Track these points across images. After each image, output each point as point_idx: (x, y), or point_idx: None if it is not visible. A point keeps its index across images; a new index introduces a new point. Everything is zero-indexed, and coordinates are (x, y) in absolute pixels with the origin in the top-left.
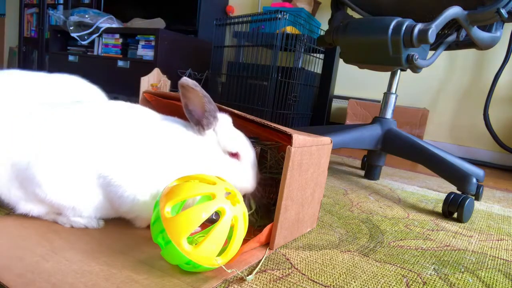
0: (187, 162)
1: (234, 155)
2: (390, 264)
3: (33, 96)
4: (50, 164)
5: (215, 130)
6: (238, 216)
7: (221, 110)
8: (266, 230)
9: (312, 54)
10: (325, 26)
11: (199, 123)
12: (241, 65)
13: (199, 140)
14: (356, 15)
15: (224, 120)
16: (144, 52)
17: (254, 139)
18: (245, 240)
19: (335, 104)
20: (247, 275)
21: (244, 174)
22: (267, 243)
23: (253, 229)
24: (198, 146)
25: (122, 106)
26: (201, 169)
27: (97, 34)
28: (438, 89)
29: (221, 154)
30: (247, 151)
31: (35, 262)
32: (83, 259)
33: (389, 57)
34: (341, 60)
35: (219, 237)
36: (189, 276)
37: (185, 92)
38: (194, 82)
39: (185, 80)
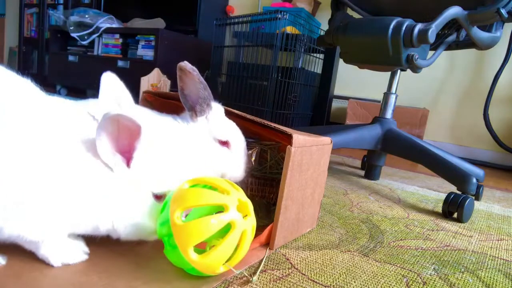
0: (178, 153)
1: (224, 143)
2: (390, 264)
3: None
4: None
5: (207, 117)
6: (247, 229)
7: None
8: (266, 231)
9: (312, 54)
10: (325, 26)
11: (192, 109)
12: (241, 65)
13: (189, 129)
14: (356, 15)
15: (216, 109)
16: (144, 52)
17: (254, 139)
18: None
19: (335, 104)
20: (249, 275)
21: (233, 163)
22: (267, 243)
23: None
24: (187, 135)
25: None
26: (191, 158)
27: (97, 34)
28: (438, 89)
29: (211, 142)
30: (237, 140)
31: (32, 279)
32: (82, 268)
33: (389, 57)
34: (341, 60)
35: (227, 249)
36: (189, 276)
37: (182, 75)
38: (192, 66)
39: (184, 63)
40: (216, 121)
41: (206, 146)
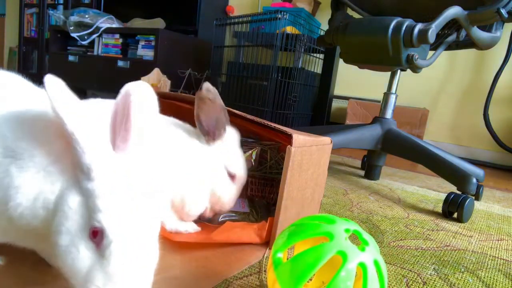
0: (185, 170)
1: (232, 176)
2: (390, 264)
3: None
4: None
5: (223, 141)
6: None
7: None
8: (268, 227)
9: (312, 54)
10: (325, 26)
11: (208, 133)
12: (241, 65)
13: (203, 151)
14: (356, 15)
15: (231, 135)
16: (144, 52)
17: (254, 139)
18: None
19: (335, 104)
20: (248, 275)
21: (232, 196)
22: (267, 242)
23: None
24: (200, 157)
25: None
26: (197, 179)
27: (97, 34)
28: (438, 89)
29: (222, 169)
30: (242, 176)
31: (32, 279)
32: None
33: (389, 57)
34: (341, 60)
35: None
36: (193, 274)
37: (201, 104)
38: (214, 92)
39: (205, 92)
40: (230, 150)
41: (216, 172)
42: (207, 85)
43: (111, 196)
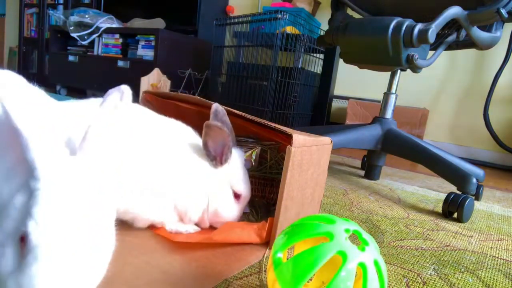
0: (195, 188)
1: (237, 195)
2: (390, 264)
3: None
4: None
5: (229, 163)
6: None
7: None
8: (268, 227)
9: (312, 54)
10: (325, 26)
11: (215, 159)
12: (241, 65)
13: (212, 173)
14: (356, 15)
15: (236, 156)
16: (144, 52)
17: (254, 139)
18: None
19: (335, 104)
20: (248, 275)
21: (235, 215)
22: (267, 242)
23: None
24: (209, 178)
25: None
26: (204, 198)
27: (97, 34)
28: (438, 89)
29: (228, 189)
30: (247, 195)
31: None
32: None
33: (389, 57)
34: (341, 60)
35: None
36: (194, 277)
37: (209, 131)
38: (222, 113)
39: (212, 121)
40: (236, 172)
41: (223, 193)
42: (215, 107)
43: (51, 201)
